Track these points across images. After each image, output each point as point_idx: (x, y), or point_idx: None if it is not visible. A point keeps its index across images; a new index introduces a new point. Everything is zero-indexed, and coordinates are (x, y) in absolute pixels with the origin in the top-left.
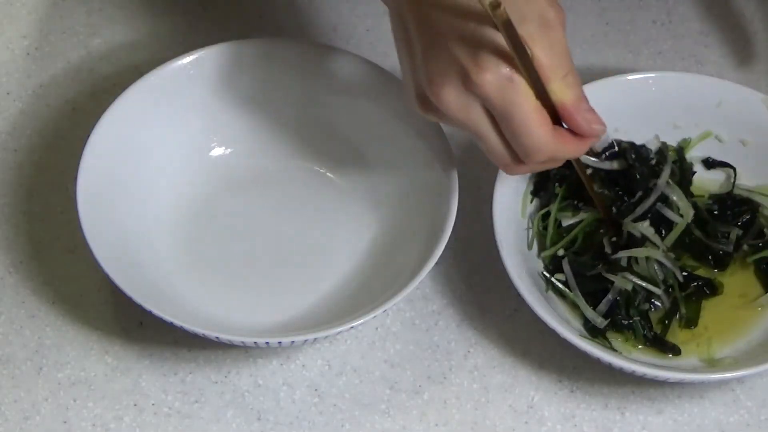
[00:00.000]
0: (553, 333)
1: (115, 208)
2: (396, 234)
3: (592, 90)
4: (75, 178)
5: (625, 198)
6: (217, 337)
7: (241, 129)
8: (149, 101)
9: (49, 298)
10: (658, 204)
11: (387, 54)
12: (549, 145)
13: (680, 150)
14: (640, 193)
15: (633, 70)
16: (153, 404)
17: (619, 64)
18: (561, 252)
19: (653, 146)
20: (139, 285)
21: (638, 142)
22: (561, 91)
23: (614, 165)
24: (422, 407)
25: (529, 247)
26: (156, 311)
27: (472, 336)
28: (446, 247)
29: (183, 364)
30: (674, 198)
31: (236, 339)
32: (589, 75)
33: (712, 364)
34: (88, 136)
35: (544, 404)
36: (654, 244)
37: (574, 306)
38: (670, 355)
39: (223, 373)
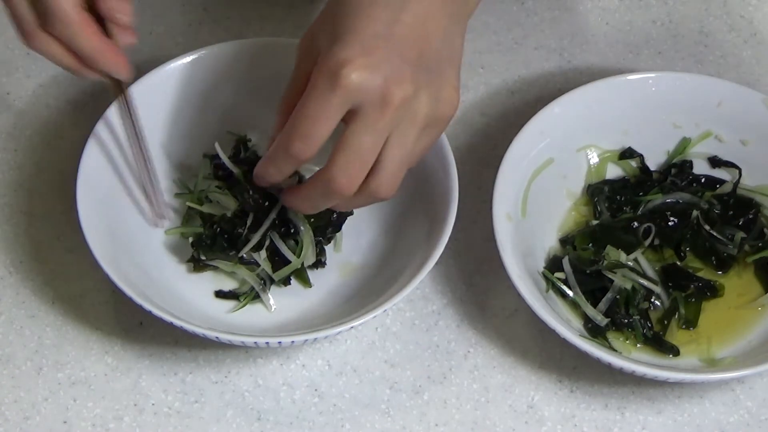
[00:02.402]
0: (553, 333)
1: (115, 208)
2: (396, 234)
3: (592, 90)
4: (75, 178)
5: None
6: (217, 337)
7: (240, 129)
8: (149, 101)
9: (49, 298)
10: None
11: None
12: (64, 9)
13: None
14: None
15: (633, 70)
16: (153, 404)
17: (619, 64)
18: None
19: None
20: (139, 285)
21: (639, 141)
22: None
23: None
24: (422, 407)
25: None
26: (156, 311)
27: (472, 336)
28: (446, 247)
29: (183, 364)
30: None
31: (236, 339)
32: (589, 75)
33: (712, 364)
34: (88, 136)
35: (544, 404)
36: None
37: (575, 305)
38: (670, 356)
39: (223, 373)
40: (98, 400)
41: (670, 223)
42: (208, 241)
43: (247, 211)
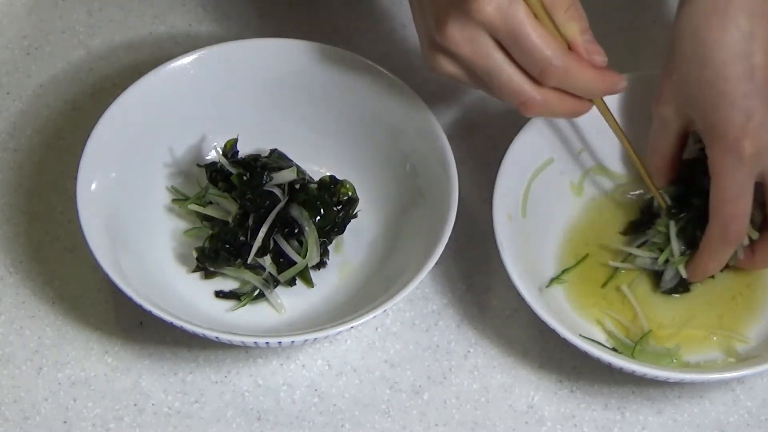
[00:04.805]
0: (553, 333)
1: (115, 208)
2: (396, 234)
3: None
4: (75, 178)
5: None
6: (217, 337)
7: (240, 129)
8: (149, 101)
9: (49, 298)
10: None
11: (387, 54)
12: (561, 58)
13: None
14: None
15: (633, 70)
16: (153, 404)
17: (619, 64)
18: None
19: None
20: (139, 285)
21: (639, 141)
22: (564, 24)
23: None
24: (422, 407)
25: None
26: (156, 311)
27: (472, 336)
28: (446, 247)
29: (183, 364)
30: None
31: (236, 339)
32: None
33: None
34: (88, 136)
35: (544, 404)
36: None
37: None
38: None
39: (223, 373)
40: (98, 400)
41: None
42: (212, 255)
43: (249, 212)
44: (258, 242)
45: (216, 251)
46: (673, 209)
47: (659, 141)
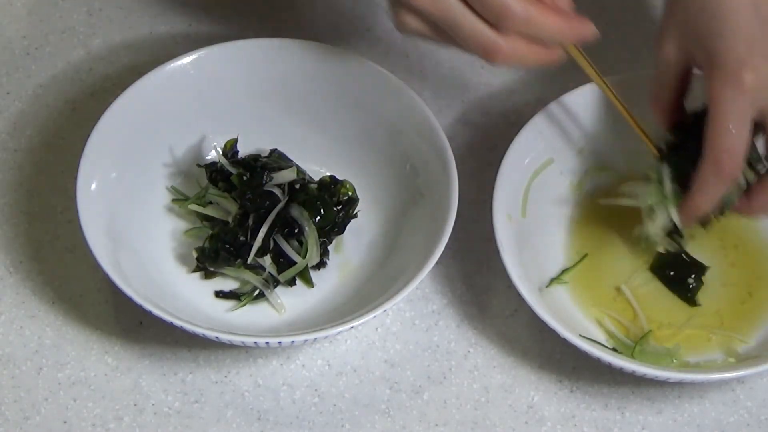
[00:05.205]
0: (553, 333)
1: (115, 208)
2: (396, 234)
3: (592, 90)
4: (75, 178)
5: None
6: (217, 337)
7: (240, 129)
8: (149, 101)
9: (49, 298)
10: None
11: (387, 54)
12: (520, 2)
13: None
14: None
15: (633, 70)
16: (153, 404)
17: (619, 64)
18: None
19: None
20: (139, 285)
21: (639, 141)
22: None
23: None
24: (422, 407)
25: None
26: (156, 311)
27: (472, 336)
28: (446, 247)
29: (183, 364)
30: None
31: (236, 339)
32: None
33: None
34: (88, 136)
35: (544, 404)
36: None
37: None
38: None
39: (223, 373)
40: (98, 400)
41: None
42: (212, 255)
43: (248, 212)
44: (258, 242)
45: (216, 251)
46: (667, 156)
47: (660, 86)
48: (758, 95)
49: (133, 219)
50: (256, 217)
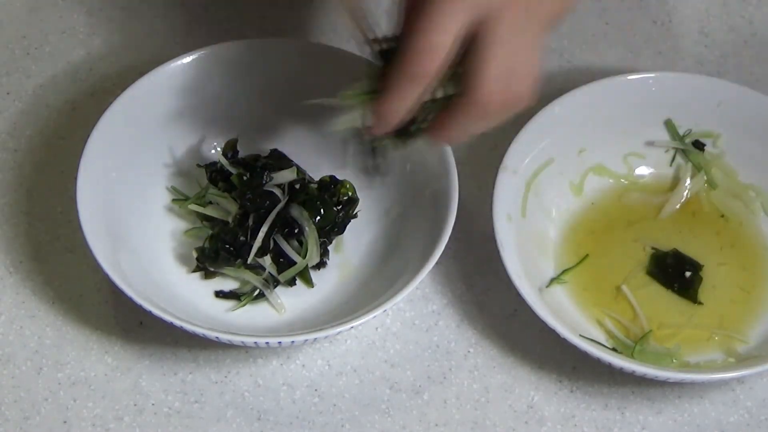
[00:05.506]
0: (553, 333)
1: (115, 208)
2: (396, 234)
3: (592, 90)
4: (75, 178)
5: None
6: (217, 337)
7: (240, 129)
8: (149, 101)
9: (49, 298)
10: None
11: None
12: None
13: None
14: None
15: (633, 70)
16: (153, 404)
17: (619, 64)
18: None
19: None
20: (139, 285)
21: (640, 141)
22: None
23: None
24: (422, 407)
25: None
26: (156, 311)
27: (472, 336)
28: (446, 247)
29: (183, 364)
30: None
31: (236, 339)
32: (589, 75)
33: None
34: (88, 136)
35: (544, 404)
36: None
37: None
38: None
39: (223, 373)
40: (98, 400)
41: None
42: (212, 255)
43: (249, 212)
44: (258, 242)
45: (216, 251)
46: (380, 52)
47: None
48: (475, 3)
49: (133, 219)
50: (256, 217)
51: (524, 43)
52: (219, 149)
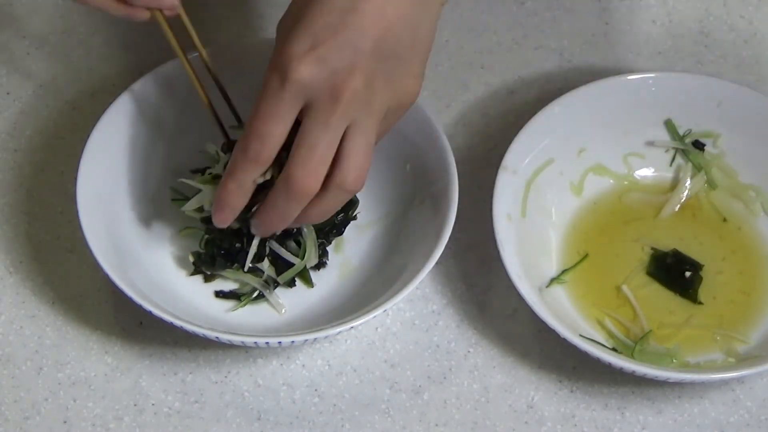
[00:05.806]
0: (553, 333)
1: (115, 208)
2: (396, 234)
3: (592, 90)
4: (75, 178)
5: None
6: (217, 337)
7: (240, 129)
8: (149, 101)
9: (49, 298)
10: None
11: None
12: None
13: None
14: None
15: (633, 70)
16: (153, 404)
17: (619, 64)
18: None
19: None
20: (139, 285)
21: (640, 141)
22: None
23: None
24: (422, 407)
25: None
26: (156, 311)
27: (472, 336)
28: (446, 247)
29: (183, 364)
30: None
31: (236, 339)
32: (589, 75)
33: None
34: (88, 136)
35: (544, 404)
36: None
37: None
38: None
39: (223, 373)
40: (98, 400)
41: None
42: (208, 260)
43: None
44: (253, 249)
45: (212, 257)
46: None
47: None
48: (303, 92)
49: (132, 219)
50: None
51: (354, 131)
52: (219, 150)
